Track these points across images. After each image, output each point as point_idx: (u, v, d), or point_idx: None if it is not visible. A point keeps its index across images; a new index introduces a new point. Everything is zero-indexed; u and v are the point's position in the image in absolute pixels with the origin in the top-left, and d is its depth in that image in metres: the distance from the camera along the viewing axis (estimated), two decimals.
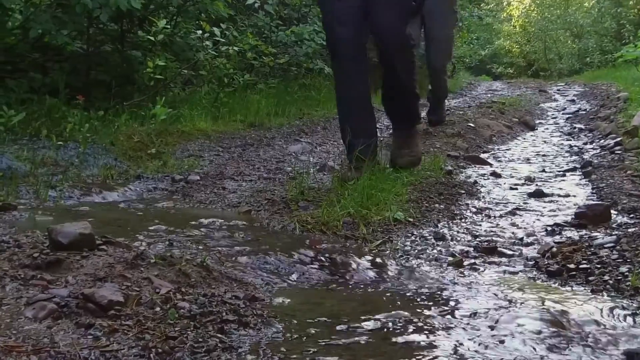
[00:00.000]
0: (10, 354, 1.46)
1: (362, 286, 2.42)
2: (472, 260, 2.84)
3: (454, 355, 1.72)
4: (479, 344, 1.81)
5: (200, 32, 6.80)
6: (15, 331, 1.57)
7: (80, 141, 4.82)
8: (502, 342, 1.84)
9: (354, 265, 2.61)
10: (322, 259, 2.65)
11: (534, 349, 1.81)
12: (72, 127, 5.00)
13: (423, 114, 6.40)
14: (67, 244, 2.13)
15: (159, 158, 5.03)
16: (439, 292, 2.32)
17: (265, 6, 7.72)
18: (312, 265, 2.58)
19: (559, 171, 5.03)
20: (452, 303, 2.19)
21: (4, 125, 4.67)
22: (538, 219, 3.52)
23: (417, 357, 1.71)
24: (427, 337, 1.85)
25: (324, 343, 1.77)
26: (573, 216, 3.44)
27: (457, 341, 1.82)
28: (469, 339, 1.84)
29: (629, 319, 2.08)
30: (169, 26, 6.37)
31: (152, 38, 6.29)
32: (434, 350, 1.75)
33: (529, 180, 4.65)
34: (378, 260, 2.71)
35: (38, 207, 3.34)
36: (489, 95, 11.52)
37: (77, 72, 6.18)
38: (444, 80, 6.85)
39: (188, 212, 3.53)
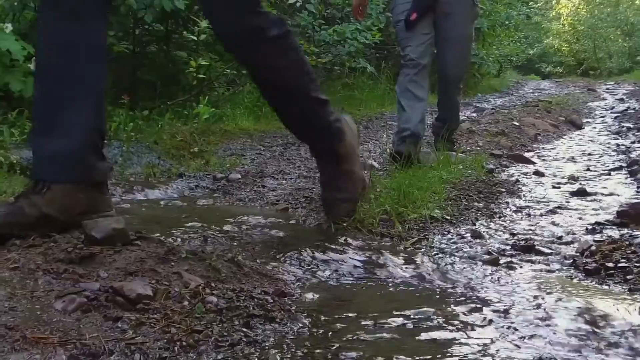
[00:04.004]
0: (37, 345, 1.48)
1: (394, 283, 2.41)
2: (509, 259, 2.80)
3: (480, 352, 1.70)
4: (507, 342, 1.78)
5: None
6: (44, 323, 1.60)
7: (124, 140, 4.89)
8: (531, 340, 1.81)
9: (387, 263, 2.60)
10: (356, 256, 2.64)
11: (565, 347, 1.78)
12: (116, 126, 5.08)
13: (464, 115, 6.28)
14: (100, 238, 2.16)
15: (201, 157, 5.09)
16: (471, 290, 2.30)
17: (307, 5, 7.74)
18: (345, 263, 2.58)
19: (604, 170, 4.95)
20: (483, 301, 2.16)
21: None
22: (579, 218, 3.47)
23: (442, 353, 1.70)
24: (455, 334, 1.83)
25: (349, 338, 1.77)
26: (615, 215, 3.38)
27: (485, 338, 1.80)
28: (497, 337, 1.82)
29: None
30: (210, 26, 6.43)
31: (195, 38, 6.36)
32: (460, 346, 1.74)
33: (573, 179, 4.58)
34: (412, 258, 2.69)
35: None
36: (536, 94, 11.40)
37: (123, 72, 6.28)
38: (455, 101, 5.05)
39: (226, 209, 3.56)
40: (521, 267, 2.70)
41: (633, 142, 6.24)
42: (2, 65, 4.57)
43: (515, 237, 3.11)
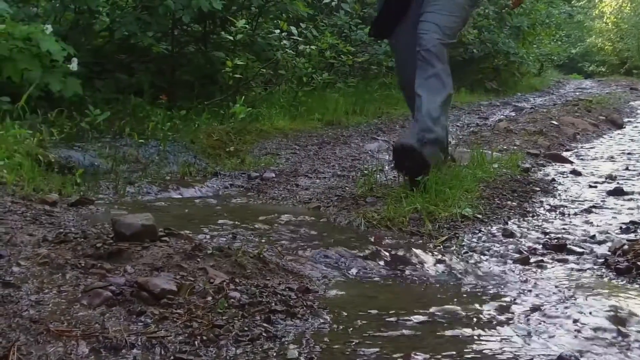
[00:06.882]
0: (60, 339, 1.52)
1: (420, 282, 2.40)
2: (540, 258, 2.77)
3: (500, 349, 1.69)
4: (531, 340, 1.77)
5: (278, 31, 6.86)
6: (69, 317, 1.63)
7: (161, 139, 4.94)
8: (556, 338, 1.80)
9: (415, 261, 2.60)
10: (384, 254, 2.64)
11: (588, 345, 1.76)
12: (154, 126, 5.14)
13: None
14: (129, 234, 2.19)
15: (237, 156, 5.11)
16: (498, 288, 2.29)
17: (343, 5, 7.73)
18: (373, 260, 2.58)
19: None
20: (510, 299, 2.15)
21: (90, 123, 4.83)
22: (614, 217, 3.42)
23: (463, 350, 1.69)
24: (477, 331, 1.82)
25: (369, 334, 1.77)
26: None
27: (507, 335, 1.79)
28: (521, 334, 1.81)
29: None
30: (247, 26, 6.46)
31: (232, 38, 6.39)
32: (481, 343, 1.73)
33: (610, 178, 4.51)
34: (441, 256, 2.68)
35: (115, 202, 3.45)
36: (577, 93, 11.25)
37: (161, 72, 6.34)
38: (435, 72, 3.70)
39: (259, 207, 3.58)
40: (552, 266, 2.68)
41: None
42: (42, 65, 4.63)
43: (548, 236, 3.08)
